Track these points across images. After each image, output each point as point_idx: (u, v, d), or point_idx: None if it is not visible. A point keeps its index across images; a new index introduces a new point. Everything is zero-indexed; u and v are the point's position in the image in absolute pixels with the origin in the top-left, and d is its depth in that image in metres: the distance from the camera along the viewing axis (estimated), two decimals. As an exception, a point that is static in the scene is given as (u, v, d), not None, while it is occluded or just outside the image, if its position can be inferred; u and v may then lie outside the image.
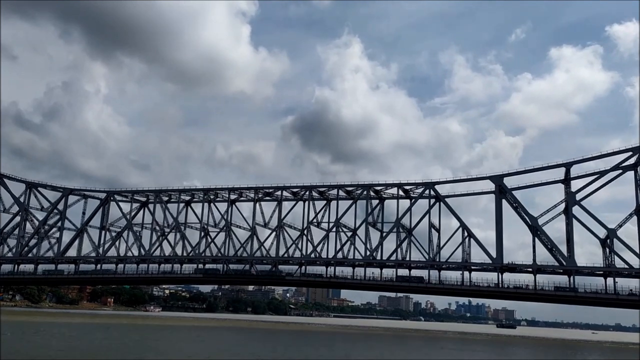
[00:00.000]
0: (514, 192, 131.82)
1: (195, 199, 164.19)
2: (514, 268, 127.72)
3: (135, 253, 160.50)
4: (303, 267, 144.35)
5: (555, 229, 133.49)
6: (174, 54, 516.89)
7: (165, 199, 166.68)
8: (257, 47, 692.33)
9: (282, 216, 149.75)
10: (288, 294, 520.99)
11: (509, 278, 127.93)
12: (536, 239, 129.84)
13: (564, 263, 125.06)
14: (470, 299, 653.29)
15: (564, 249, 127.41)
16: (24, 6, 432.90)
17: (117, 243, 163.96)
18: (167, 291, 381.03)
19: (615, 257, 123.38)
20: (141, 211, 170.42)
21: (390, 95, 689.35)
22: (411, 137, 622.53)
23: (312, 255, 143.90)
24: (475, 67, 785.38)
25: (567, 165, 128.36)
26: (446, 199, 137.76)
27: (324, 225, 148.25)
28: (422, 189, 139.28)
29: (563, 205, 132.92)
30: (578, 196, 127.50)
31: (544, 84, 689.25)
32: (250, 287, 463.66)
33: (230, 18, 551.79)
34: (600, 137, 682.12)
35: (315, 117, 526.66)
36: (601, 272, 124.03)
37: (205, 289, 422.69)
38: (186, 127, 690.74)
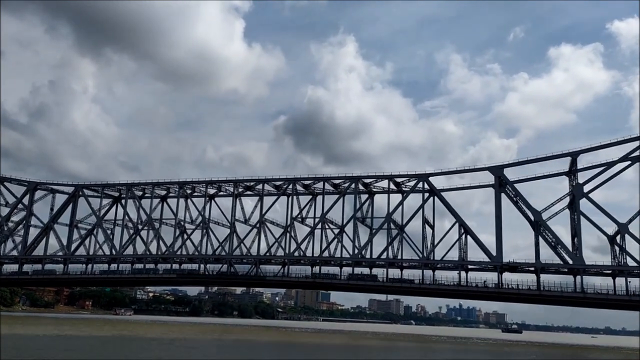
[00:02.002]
0: (514, 184, 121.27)
1: (171, 194, 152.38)
2: (515, 267, 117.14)
3: (107, 252, 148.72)
4: (287, 267, 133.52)
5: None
6: (165, 50, 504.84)
7: (139, 193, 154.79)
8: (250, 44, 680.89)
9: (264, 211, 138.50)
10: (277, 298, 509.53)
11: (506, 279, 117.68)
12: (538, 237, 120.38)
13: (570, 262, 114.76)
14: (461, 302, 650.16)
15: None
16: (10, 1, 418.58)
17: (87, 241, 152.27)
18: (150, 294, 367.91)
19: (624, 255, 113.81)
20: (114, 207, 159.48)
21: (384, 95, 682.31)
22: (405, 139, 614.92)
23: (296, 254, 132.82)
24: (473, 67, 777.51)
25: (574, 155, 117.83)
26: (441, 193, 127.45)
27: (309, 222, 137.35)
28: (415, 181, 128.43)
29: (567, 201, 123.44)
30: (582, 189, 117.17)
31: (542, 83, 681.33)
32: (238, 291, 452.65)
33: (224, 14, 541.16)
34: (597, 139, 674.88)
35: (308, 118, 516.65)
36: (609, 272, 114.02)
37: (192, 292, 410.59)
38: (176, 127, 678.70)
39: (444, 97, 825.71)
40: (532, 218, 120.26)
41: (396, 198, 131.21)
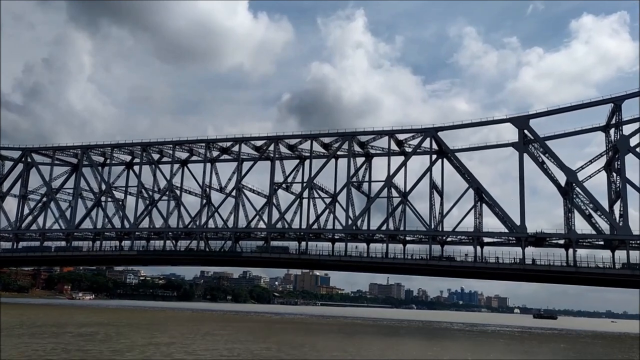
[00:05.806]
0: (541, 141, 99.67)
1: (137, 160, 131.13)
2: (543, 240, 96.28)
3: (63, 226, 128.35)
4: (269, 242, 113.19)
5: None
6: (165, 21, 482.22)
7: (100, 159, 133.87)
8: (256, 15, 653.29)
9: (242, 176, 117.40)
10: (276, 282, 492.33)
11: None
12: (570, 205, 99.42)
13: (606, 232, 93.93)
14: (463, 285, 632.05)
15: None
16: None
17: (42, 214, 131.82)
18: (141, 278, 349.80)
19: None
20: (73, 176, 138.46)
21: (393, 73, 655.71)
22: (414, 118, 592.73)
23: (280, 226, 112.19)
24: (488, 41, 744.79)
25: (617, 101, 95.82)
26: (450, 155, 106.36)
27: (296, 189, 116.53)
28: (420, 137, 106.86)
29: (602, 161, 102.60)
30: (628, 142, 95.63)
31: (560, 57, 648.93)
32: (235, 275, 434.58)
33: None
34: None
35: (313, 96, 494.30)
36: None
37: (188, 276, 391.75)
38: (177, 110, 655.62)
39: (456, 74, 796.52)
40: (562, 181, 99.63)
41: (398, 161, 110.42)
